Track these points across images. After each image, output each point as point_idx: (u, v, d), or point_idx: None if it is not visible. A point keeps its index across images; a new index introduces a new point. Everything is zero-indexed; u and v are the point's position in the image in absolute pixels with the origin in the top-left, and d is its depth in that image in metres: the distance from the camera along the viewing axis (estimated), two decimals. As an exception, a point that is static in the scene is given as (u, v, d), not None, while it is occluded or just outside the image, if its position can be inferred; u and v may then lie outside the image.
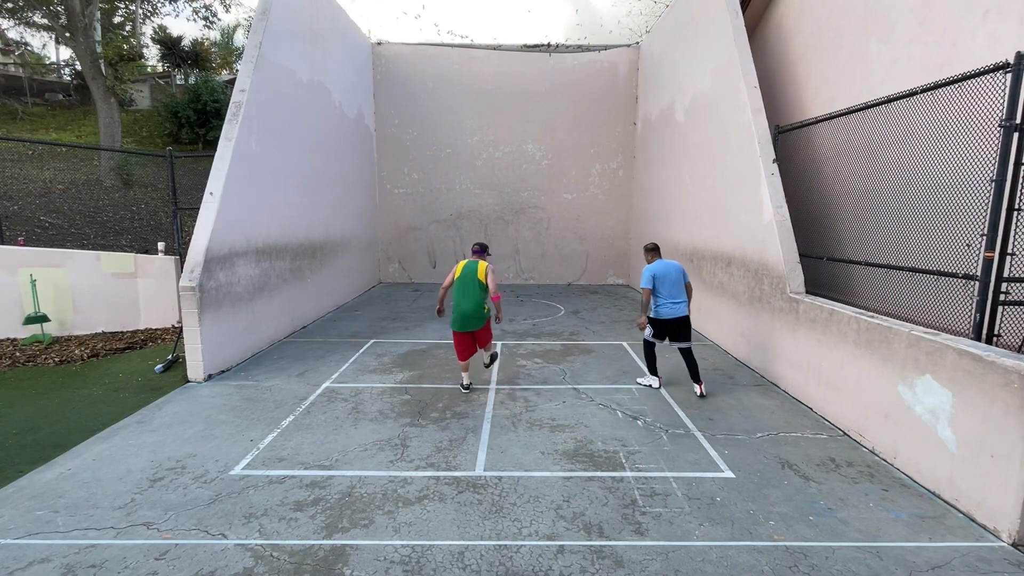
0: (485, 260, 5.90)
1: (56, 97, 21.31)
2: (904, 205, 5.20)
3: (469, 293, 5.67)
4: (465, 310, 5.67)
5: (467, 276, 5.72)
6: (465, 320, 5.69)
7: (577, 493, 3.95)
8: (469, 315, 5.68)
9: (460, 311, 5.69)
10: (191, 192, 12.95)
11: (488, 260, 5.97)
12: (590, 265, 14.86)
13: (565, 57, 14.06)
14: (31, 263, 8.23)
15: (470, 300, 5.66)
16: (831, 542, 3.39)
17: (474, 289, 5.69)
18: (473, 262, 5.81)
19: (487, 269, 5.77)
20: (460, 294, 5.71)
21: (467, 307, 5.66)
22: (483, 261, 5.85)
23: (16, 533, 3.44)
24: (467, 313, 5.67)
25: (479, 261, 5.83)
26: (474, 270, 5.74)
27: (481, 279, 5.70)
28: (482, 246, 6.08)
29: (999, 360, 3.45)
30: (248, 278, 7.47)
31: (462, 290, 5.71)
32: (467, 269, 5.76)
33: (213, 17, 20.51)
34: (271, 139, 8.17)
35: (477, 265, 5.77)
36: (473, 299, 5.67)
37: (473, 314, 5.69)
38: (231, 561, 3.17)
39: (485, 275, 5.72)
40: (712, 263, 8.55)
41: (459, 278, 5.74)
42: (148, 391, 6.09)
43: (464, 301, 5.68)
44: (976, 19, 5.13)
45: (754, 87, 7.34)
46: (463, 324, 5.71)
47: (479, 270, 5.74)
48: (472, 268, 5.76)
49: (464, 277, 5.72)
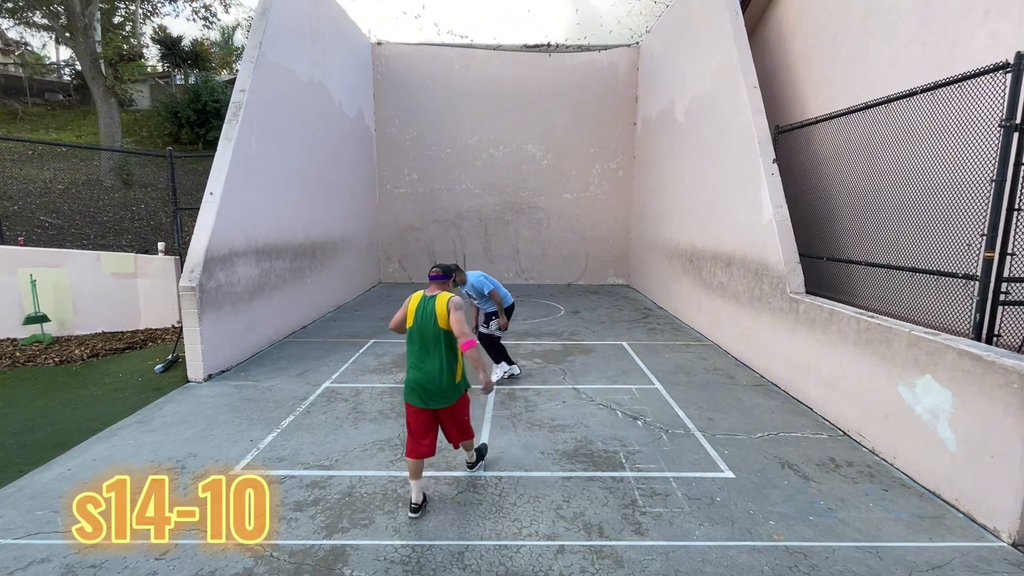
0: (448, 291, 3.84)
1: (56, 97, 21.31)
2: (904, 205, 5.20)
3: (428, 350, 3.65)
4: (421, 377, 3.61)
5: (423, 324, 3.64)
6: (423, 392, 3.64)
7: (577, 493, 3.95)
8: (428, 386, 3.60)
9: (414, 376, 3.65)
10: (191, 192, 12.94)
11: (455, 290, 4.08)
12: (590, 265, 14.86)
13: (565, 57, 14.06)
14: (31, 263, 8.23)
15: (430, 362, 3.62)
16: (831, 542, 3.39)
17: (435, 344, 3.63)
18: (430, 299, 3.69)
19: (449, 307, 3.62)
20: (416, 351, 3.69)
21: (425, 373, 3.60)
22: (441, 295, 3.71)
23: (16, 533, 3.44)
24: (424, 382, 3.60)
25: (437, 296, 3.70)
26: (432, 313, 3.63)
27: (444, 325, 3.61)
28: (445, 270, 3.82)
29: (999, 360, 3.45)
30: (248, 278, 7.47)
31: (419, 345, 3.68)
32: (422, 312, 3.66)
33: (213, 17, 20.53)
34: (271, 139, 8.17)
35: (435, 306, 3.64)
36: (434, 361, 3.61)
37: (434, 385, 3.60)
38: (231, 561, 3.17)
39: (447, 317, 3.61)
40: (712, 263, 8.55)
41: (413, 326, 3.69)
42: (148, 391, 6.09)
43: (421, 362, 3.65)
44: (976, 19, 5.13)
45: (754, 87, 7.34)
46: (418, 397, 3.67)
47: (439, 313, 3.61)
48: (429, 311, 3.64)
49: (419, 325, 3.65)
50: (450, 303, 3.66)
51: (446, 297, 3.70)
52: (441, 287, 3.79)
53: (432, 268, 3.86)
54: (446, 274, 3.83)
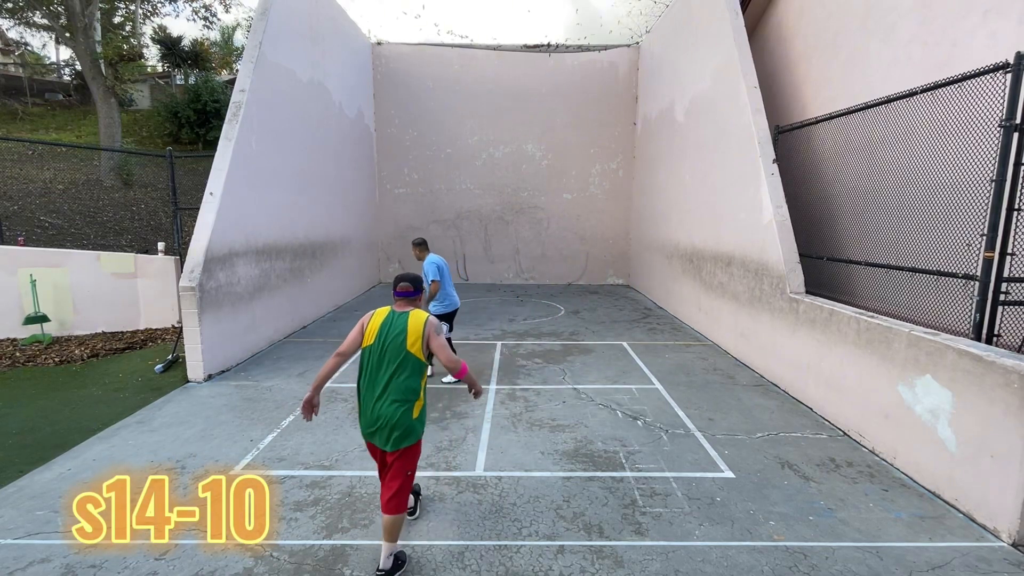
0: (420, 308, 3.26)
1: (56, 97, 21.30)
2: (904, 205, 5.20)
3: (389, 377, 2.96)
4: (380, 409, 2.94)
5: (387, 343, 3.00)
6: (379, 427, 2.96)
7: (577, 493, 3.94)
8: (386, 419, 2.93)
9: (370, 409, 2.98)
10: (191, 192, 12.95)
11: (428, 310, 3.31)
12: (590, 265, 14.87)
13: (565, 57, 14.06)
14: (31, 263, 8.23)
15: (392, 393, 2.94)
16: (831, 542, 3.39)
17: (398, 369, 2.97)
18: (401, 315, 3.10)
19: (428, 329, 3.05)
20: (371, 377, 3.00)
21: (384, 406, 2.94)
22: (417, 311, 3.16)
23: (16, 533, 3.44)
24: (382, 415, 2.94)
25: (410, 312, 3.12)
26: (402, 332, 3.02)
27: (413, 348, 3.00)
28: (415, 283, 3.26)
29: (999, 360, 3.45)
30: (248, 278, 7.47)
31: (377, 370, 2.99)
32: (387, 329, 3.04)
33: (213, 17, 20.53)
34: (271, 139, 8.17)
35: (407, 323, 3.05)
36: (396, 391, 2.95)
37: (394, 418, 2.93)
38: (231, 561, 3.17)
39: (424, 341, 3.02)
40: (712, 263, 8.55)
41: (373, 344, 3.03)
42: (148, 391, 6.09)
43: (376, 390, 2.97)
44: (976, 19, 5.13)
45: (754, 87, 7.34)
46: (373, 430, 2.99)
47: (410, 332, 3.02)
48: (399, 329, 3.03)
49: (382, 344, 3.01)
50: (429, 325, 3.07)
51: (423, 317, 3.11)
52: (411, 304, 3.23)
53: (399, 282, 3.22)
54: (416, 288, 3.26)
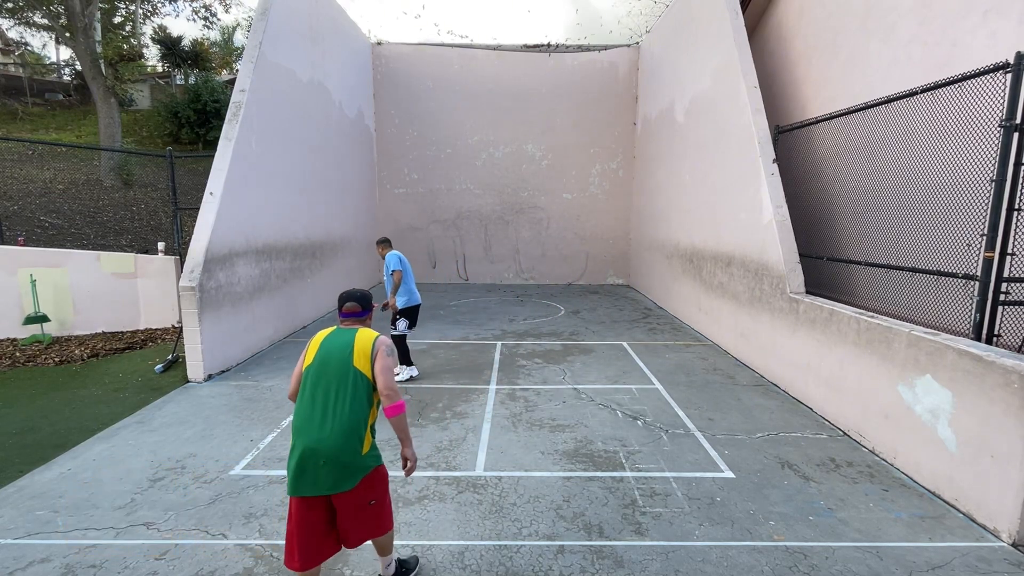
0: (368, 327, 2.88)
1: (56, 97, 21.30)
2: (904, 205, 5.20)
3: (330, 399, 2.55)
4: (319, 443, 2.47)
5: (329, 360, 2.63)
6: (316, 468, 2.48)
7: (577, 493, 3.95)
8: (328, 455, 2.47)
9: (303, 443, 2.49)
10: (191, 192, 12.95)
11: (372, 328, 2.90)
12: (590, 265, 14.86)
13: (565, 57, 14.06)
14: (31, 263, 8.23)
15: (332, 418, 2.51)
16: (831, 542, 3.39)
17: (341, 390, 2.57)
18: (347, 331, 2.75)
19: (377, 347, 2.68)
20: (309, 401, 2.56)
21: (324, 437, 2.47)
22: (364, 330, 2.78)
23: (16, 533, 3.44)
24: (318, 447, 2.47)
25: (359, 329, 2.77)
26: (347, 347, 2.65)
27: (361, 366, 2.62)
28: (363, 302, 2.92)
29: (999, 360, 3.45)
30: (248, 278, 7.47)
31: (316, 393, 2.57)
32: (330, 346, 2.68)
33: (213, 17, 20.53)
34: (271, 139, 8.17)
35: (353, 337, 2.70)
36: (338, 416, 2.52)
37: (333, 452, 2.48)
38: (231, 561, 3.17)
39: (372, 361, 2.65)
40: (712, 263, 8.55)
41: (311, 370, 2.63)
42: (148, 391, 6.09)
43: (314, 418, 2.52)
44: (976, 19, 5.13)
45: (754, 87, 7.34)
46: (312, 477, 2.49)
47: (357, 346, 2.66)
48: (343, 343, 2.67)
49: (323, 362, 2.63)
50: (379, 343, 2.69)
51: (373, 334, 2.74)
52: (359, 323, 2.86)
53: (344, 302, 2.86)
54: (365, 308, 2.90)
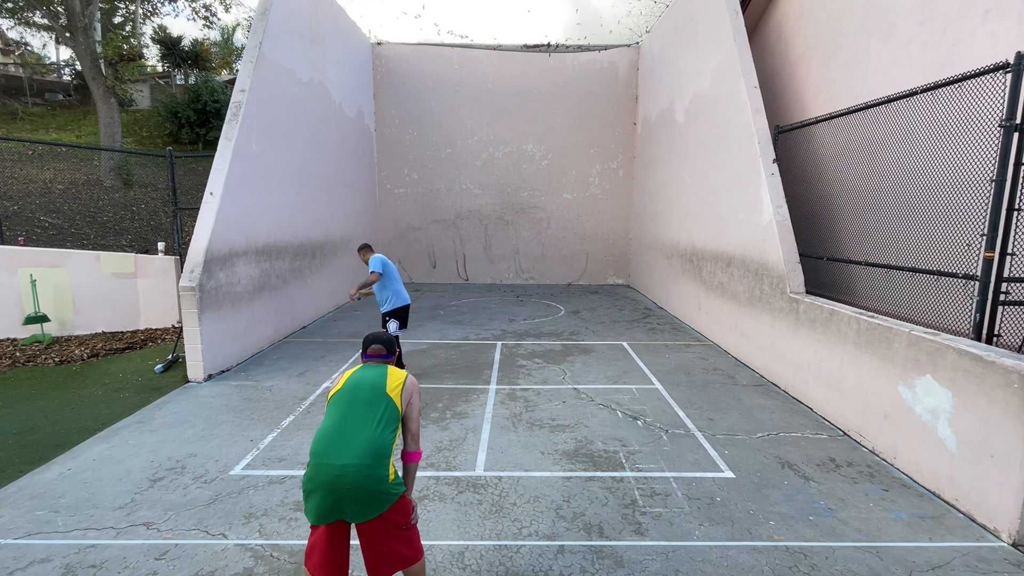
0: (395, 367, 2.75)
1: (56, 97, 21.30)
2: (904, 205, 5.20)
3: (357, 423, 2.44)
4: (343, 469, 2.32)
5: (359, 387, 2.56)
6: (339, 493, 2.33)
7: (577, 493, 3.95)
8: (353, 480, 2.32)
9: (322, 466, 2.35)
10: (191, 192, 12.96)
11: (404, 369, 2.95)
12: (590, 265, 14.87)
13: (565, 57, 14.06)
14: (31, 263, 8.23)
15: (363, 444, 2.38)
16: (831, 542, 3.39)
17: (369, 414, 2.47)
18: (376, 367, 2.68)
19: (408, 386, 2.64)
20: (335, 427, 2.44)
21: (349, 463, 2.33)
22: (393, 369, 2.69)
23: (16, 533, 3.44)
24: (347, 475, 2.32)
25: (388, 366, 2.70)
26: (380, 376, 2.61)
27: (393, 393, 2.56)
28: (388, 346, 2.80)
29: (999, 360, 3.45)
30: (248, 278, 7.47)
31: (344, 420, 2.45)
32: (361, 377, 2.61)
33: (213, 17, 20.51)
34: (271, 139, 8.17)
35: (386, 372, 2.64)
36: (368, 443, 2.39)
37: (363, 480, 2.33)
38: (231, 561, 3.17)
39: (403, 393, 2.60)
40: (712, 263, 8.56)
41: (338, 397, 2.55)
42: (148, 391, 6.09)
43: (339, 442, 2.39)
44: (976, 19, 5.13)
45: (754, 87, 7.34)
46: (334, 503, 2.34)
47: (391, 377, 2.62)
48: (375, 374, 2.62)
49: (353, 389, 2.56)
50: (411, 381, 2.68)
51: (404, 372, 2.72)
52: (383, 361, 2.79)
53: (370, 344, 2.78)
54: (389, 351, 2.80)
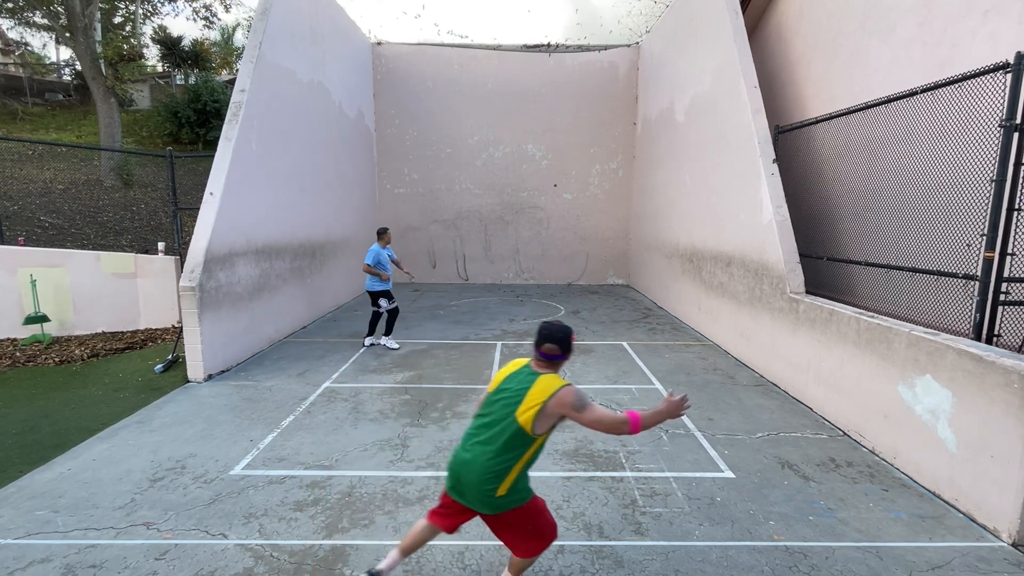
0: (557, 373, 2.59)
1: (56, 97, 21.30)
2: (904, 205, 5.20)
3: (487, 435, 2.51)
4: (460, 463, 2.55)
5: (501, 400, 2.53)
6: (457, 481, 2.56)
7: (577, 493, 3.95)
8: (464, 478, 2.52)
9: (455, 457, 2.60)
10: (191, 192, 12.95)
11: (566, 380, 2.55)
12: (590, 265, 14.86)
13: (565, 57, 14.06)
14: (31, 263, 8.23)
15: (477, 459, 2.49)
16: (831, 542, 3.39)
17: (496, 434, 2.48)
18: (531, 375, 2.54)
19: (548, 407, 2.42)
20: (474, 428, 2.61)
21: (465, 473, 2.51)
22: (545, 379, 2.49)
23: (16, 533, 3.44)
24: (461, 470, 2.53)
25: (542, 376, 2.52)
26: (515, 400, 2.47)
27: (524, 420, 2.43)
28: (564, 345, 2.56)
29: (999, 360, 3.45)
30: (248, 278, 7.47)
31: (481, 423, 2.57)
32: (507, 387, 2.56)
33: (213, 17, 20.51)
34: (271, 139, 8.17)
35: (526, 391, 2.47)
36: (480, 461, 2.48)
37: (475, 491, 2.49)
38: (231, 561, 3.17)
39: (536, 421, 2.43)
40: (712, 263, 8.55)
41: (493, 393, 2.62)
42: (148, 391, 6.09)
43: (468, 444, 2.57)
44: (976, 19, 5.13)
45: (754, 87, 7.34)
46: (453, 485, 2.59)
47: (525, 403, 2.44)
48: (520, 389, 2.50)
49: (500, 400, 2.54)
50: (556, 401, 2.42)
51: (557, 384, 2.47)
52: (550, 368, 2.58)
53: (545, 341, 2.54)
54: (564, 351, 2.57)
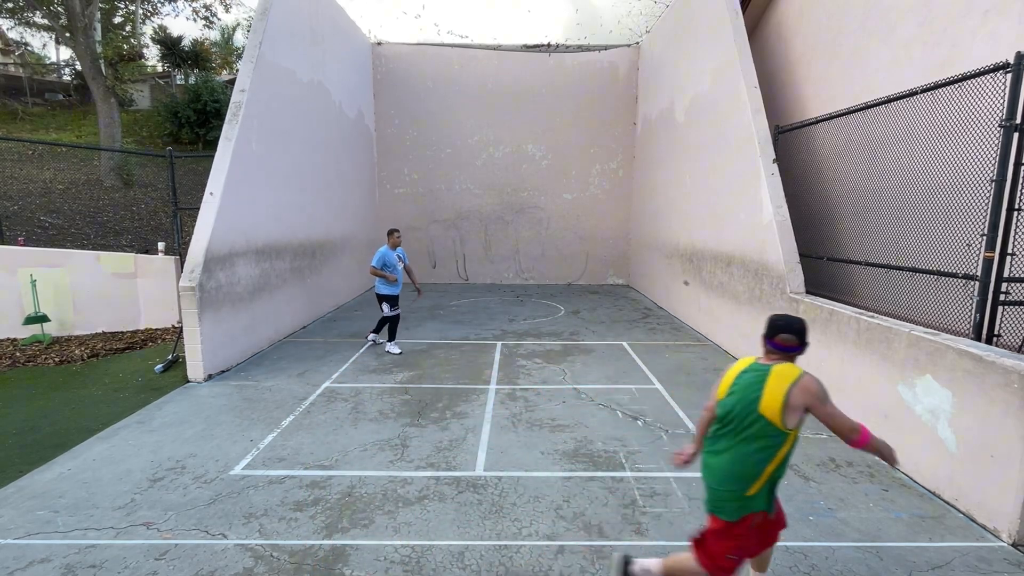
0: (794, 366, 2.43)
1: (56, 97, 21.30)
2: (904, 205, 5.20)
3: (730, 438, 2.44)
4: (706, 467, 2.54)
5: (737, 400, 2.41)
6: (707, 488, 2.53)
7: (577, 493, 3.94)
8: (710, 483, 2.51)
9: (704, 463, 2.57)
10: (191, 192, 12.95)
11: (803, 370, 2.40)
12: (590, 265, 14.86)
13: (565, 57, 14.06)
14: (31, 263, 8.23)
15: (724, 455, 2.46)
16: (831, 542, 3.39)
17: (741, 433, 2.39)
18: (764, 369, 2.42)
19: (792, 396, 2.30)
20: (714, 432, 2.54)
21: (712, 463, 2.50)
22: (781, 367, 2.40)
23: (16, 533, 3.44)
24: (707, 475, 2.53)
25: (771, 369, 2.40)
26: (757, 388, 2.36)
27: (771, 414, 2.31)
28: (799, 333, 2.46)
29: (999, 360, 3.45)
30: (248, 278, 7.47)
31: (722, 427, 2.48)
32: (743, 383, 2.44)
33: (213, 17, 20.51)
34: (271, 139, 8.17)
35: (765, 377, 2.37)
36: (731, 455, 2.43)
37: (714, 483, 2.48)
38: (231, 561, 3.17)
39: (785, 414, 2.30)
40: (712, 263, 8.55)
41: (725, 399, 2.48)
42: (148, 391, 6.09)
43: (712, 449, 2.53)
44: (976, 19, 5.13)
45: (754, 87, 7.34)
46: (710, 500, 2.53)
47: (768, 389, 2.34)
48: (755, 383, 2.39)
49: (735, 400, 2.42)
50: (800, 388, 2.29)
51: (791, 376, 2.33)
52: (784, 359, 2.44)
53: (778, 332, 2.43)
54: (801, 342, 2.45)
